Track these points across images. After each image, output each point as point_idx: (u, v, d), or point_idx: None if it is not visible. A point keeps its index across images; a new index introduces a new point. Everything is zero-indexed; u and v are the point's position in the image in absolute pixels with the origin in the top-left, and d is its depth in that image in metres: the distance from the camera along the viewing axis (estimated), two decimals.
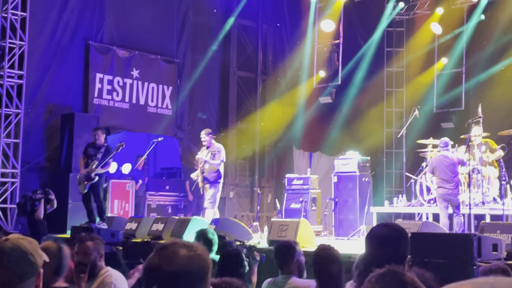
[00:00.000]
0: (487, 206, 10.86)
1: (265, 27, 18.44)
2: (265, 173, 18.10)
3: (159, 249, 2.27)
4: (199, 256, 2.25)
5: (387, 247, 3.46)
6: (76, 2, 14.55)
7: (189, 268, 2.20)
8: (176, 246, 2.25)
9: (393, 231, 3.58)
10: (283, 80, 17.66)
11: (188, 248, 2.25)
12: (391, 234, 3.54)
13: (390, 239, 3.50)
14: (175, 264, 2.19)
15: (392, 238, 3.51)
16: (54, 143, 14.18)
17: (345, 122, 16.33)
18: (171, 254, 2.22)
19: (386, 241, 3.49)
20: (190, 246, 2.27)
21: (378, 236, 3.56)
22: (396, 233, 3.56)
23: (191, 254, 2.23)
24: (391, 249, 3.46)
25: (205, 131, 12.49)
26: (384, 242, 3.49)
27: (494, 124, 12.43)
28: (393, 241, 3.49)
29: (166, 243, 2.29)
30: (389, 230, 3.60)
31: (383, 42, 16.83)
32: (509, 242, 7.09)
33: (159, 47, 16.13)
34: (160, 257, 2.22)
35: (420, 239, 6.98)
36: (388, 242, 3.48)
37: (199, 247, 2.30)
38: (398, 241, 3.51)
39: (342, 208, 13.08)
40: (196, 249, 2.27)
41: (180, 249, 2.24)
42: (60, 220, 12.74)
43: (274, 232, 9.64)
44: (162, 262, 2.20)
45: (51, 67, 14.15)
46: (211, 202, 12.02)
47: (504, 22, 14.64)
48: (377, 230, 3.68)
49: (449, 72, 15.71)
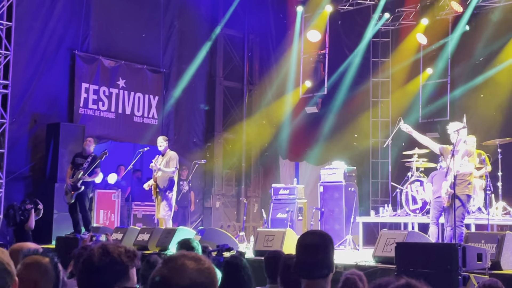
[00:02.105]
0: (472, 216, 10.90)
1: (251, 37, 18.47)
2: (251, 183, 18.08)
3: (167, 260, 2.22)
4: (208, 270, 2.21)
5: (316, 254, 3.60)
6: (62, 11, 14.50)
7: (199, 281, 2.16)
8: (184, 258, 2.21)
9: (320, 238, 3.72)
10: (269, 90, 17.68)
11: (197, 261, 2.21)
12: (319, 241, 3.67)
13: (319, 246, 3.63)
14: (184, 278, 2.14)
15: (320, 245, 3.64)
16: (39, 153, 14.09)
17: (331, 132, 16.37)
18: (180, 267, 2.17)
19: (315, 248, 3.63)
20: (198, 259, 2.23)
21: (307, 244, 3.70)
22: (323, 240, 3.70)
23: (200, 267, 2.19)
24: (320, 255, 3.60)
25: (163, 137, 12.48)
26: (313, 249, 3.62)
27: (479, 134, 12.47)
28: (321, 248, 3.63)
29: (174, 255, 2.24)
30: (317, 237, 3.74)
31: (369, 52, 16.93)
32: (494, 252, 7.13)
33: (145, 57, 16.10)
34: (169, 270, 2.17)
35: (405, 249, 7.01)
36: (317, 249, 3.62)
37: (207, 260, 2.25)
38: (327, 249, 3.66)
39: (328, 218, 13.10)
40: (204, 262, 2.22)
41: (188, 261, 2.19)
42: (45, 230, 12.64)
43: (260, 242, 9.64)
44: (172, 275, 2.15)
45: (36, 76, 14.07)
46: (167, 211, 11.91)
47: (488, 33, 14.76)
48: (305, 237, 3.82)
49: (434, 82, 15.83)
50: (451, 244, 6.78)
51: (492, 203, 11.54)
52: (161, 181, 11.97)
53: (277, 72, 17.25)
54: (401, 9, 16.23)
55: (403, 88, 16.52)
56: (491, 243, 7.25)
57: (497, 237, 7.30)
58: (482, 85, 14.70)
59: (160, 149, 12.22)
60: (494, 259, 7.04)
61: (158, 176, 11.99)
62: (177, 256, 2.22)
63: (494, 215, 11.36)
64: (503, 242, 7.18)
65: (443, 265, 6.41)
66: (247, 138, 18.01)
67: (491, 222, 10.66)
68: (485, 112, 14.32)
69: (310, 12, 16.22)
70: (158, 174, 11.99)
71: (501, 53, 14.46)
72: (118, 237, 11.16)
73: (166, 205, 11.92)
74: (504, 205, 11.70)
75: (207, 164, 16.19)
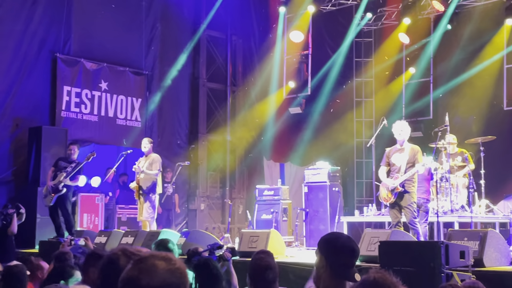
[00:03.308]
0: (456, 214, 10.95)
1: (234, 38, 18.44)
2: (236, 184, 18.04)
3: (137, 261, 2.18)
4: (178, 270, 2.17)
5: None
6: (43, 14, 14.40)
7: (170, 281, 2.12)
8: (155, 259, 2.17)
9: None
10: (253, 91, 17.67)
11: (167, 261, 2.17)
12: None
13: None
14: (155, 278, 2.11)
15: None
16: (21, 156, 13.98)
17: (315, 132, 16.38)
18: (150, 267, 2.13)
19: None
20: (169, 259, 2.18)
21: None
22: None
23: (171, 268, 2.15)
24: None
25: (148, 139, 12.45)
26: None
27: (461, 132, 12.57)
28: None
29: (144, 255, 2.20)
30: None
31: (352, 53, 16.97)
32: (477, 249, 7.15)
33: (128, 59, 16.02)
34: (140, 270, 2.13)
35: (389, 248, 7.02)
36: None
37: (178, 260, 2.21)
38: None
39: (313, 218, 13.10)
40: (175, 262, 2.18)
41: (159, 262, 2.15)
42: (29, 234, 12.53)
43: (245, 244, 9.61)
44: (142, 276, 2.11)
45: (17, 80, 13.96)
46: (150, 214, 11.88)
47: (470, 32, 14.85)
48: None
49: (417, 82, 15.90)
50: (434, 242, 6.80)
51: (475, 201, 11.60)
52: (144, 183, 11.92)
53: (261, 73, 17.24)
54: (383, 9, 16.28)
55: (386, 87, 16.57)
56: (474, 240, 7.27)
57: (479, 235, 7.32)
58: (465, 84, 14.77)
59: (144, 151, 12.19)
60: (477, 257, 7.07)
61: (141, 178, 11.94)
62: (148, 256, 2.18)
63: (477, 213, 11.42)
64: (485, 239, 7.20)
65: (426, 263, 6.42)
66: (231, 140, 17.99)
67: (474, 220, 10.71)
68: (468, 111, 14.41)
69: (292, 12, 16.23)
70: (141, 176, 11.94)
71: (482, 52, 14.53)
72: (102, 240, 11.07)
73: (150, 207, 11.87)
74: (487, 203, 11.76)
75: (191, 166, 16.14)
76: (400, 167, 9.33)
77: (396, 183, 9.20)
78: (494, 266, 7.23)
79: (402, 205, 9.22)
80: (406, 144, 9.49)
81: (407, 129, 9.53)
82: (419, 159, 9.31)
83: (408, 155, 9.35)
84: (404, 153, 9.39)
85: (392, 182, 9.23)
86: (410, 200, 9.20)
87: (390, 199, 9.30)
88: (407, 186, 9.21)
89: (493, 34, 14.36)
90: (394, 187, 9.19)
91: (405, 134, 9.50)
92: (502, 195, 12.23)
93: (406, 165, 9.30)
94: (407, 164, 9.31)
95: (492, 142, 12.14)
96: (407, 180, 9.22)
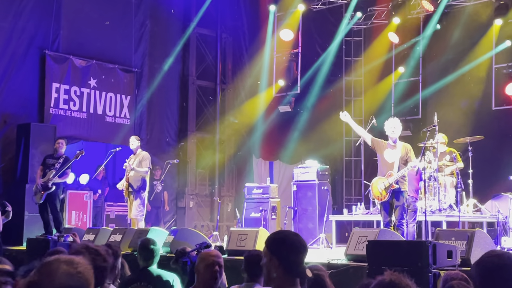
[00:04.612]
0: (444, 213, 10.99)
1: (224, 36, 18.42)
2: (225, 182, 18.03)
3: (42, 265, 2.24)
4: (79, 274, 2.22)
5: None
6: (32, 11, 14.32)
7: (68, 284, 2.19)
8: (57, 262, 2.23)
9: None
10: (242, 89, 17.66)
11: (69, 264, 2.23)
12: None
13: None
14: (54, 282, 2.17)
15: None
16: (9, 153, 13.91)
17: (305, 130, 16.39)
18: (52, 271, 2.19)
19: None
20: (71, 262, 2.24)
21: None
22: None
23: (71, 271, 2.21)
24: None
25: (136, 137, 12.47)
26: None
27: (450, 132, 12.60)
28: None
29: (50, 259, 2.26)
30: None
31: (342, 51, 17.01)
32: (464, 248, 7.18)
33: (117, 56, 15.97)
34: (41, 274, 2.20)
35: (376, 247, 7.04)
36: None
37: (82, 263, 2.27)
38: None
39: (301, 216, 13.12)
40: (77, 265, 2.24)
41: (61, 265, 2.21)
42: (16, 232, 12.48)
43: (233, 242, 9.61)
44: (42, 279, 2.19)
45: (6, 76, 13.89)
46: (139, 211, 11.88)
47: (459, 32, 14.90)
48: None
49: (406, 81, 15.95)
50: (422, 242, 6.81)
51: (463, 201, 11.66)
52: (133, 181, 11.92)
53: (250, 71, 17.23)
54: (373, 8, 16.31)
55: (376, 86, 16.61)
56: (461, 240, 7.30)
57: (467, 234, 7.35)
58: (453, 84, 14.83)
59: (132, 148, 12.20)
60: (464, 256, 7.09)
61: (130, 176, 11.93)
62: (53, 259, 2.26)
63: (465, 212, 11.47)
64: (473, 239, 7.23)
65: (414, 262, 6.44)
66: (221, 138, 17.98)
67: (462, 219, 10.74)
68: (456, 110, 14.46)
69: (282, 11, 16.23)
70: (130, 174, 11.93)
71: (471, 52, 14.59)
72: (90, 238, 11.05)
73: (139, 205, 11.88)
74: (474, 202, 11.81)
75: (180, 164, 16.13)
76: (393, 164, 9.35)
77: (391, 180, 9.22)
78: None
79: (394, 204, 9.25)
80: (398, 142, 9.52)
81: (399, 127, 9.58)
82: (411, 157, 9.36)
83: (400, 152, 9.38)
84: (396, 150, 9.43)
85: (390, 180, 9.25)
86: (402, 200, 9.24)
87: (384, 197, 9.29)
88: (401, 185, 9.25)
89: (482, 34, 14.42)
90: (390, 185, 9.20)
91: (398, 132, 9.54)
92: (490, 195, 12.27)
93: (399, 162, 9.34)
94: (400, 161, 9.34)
95: (481, 141, 12.20)
96: (401, 178, 9.26)
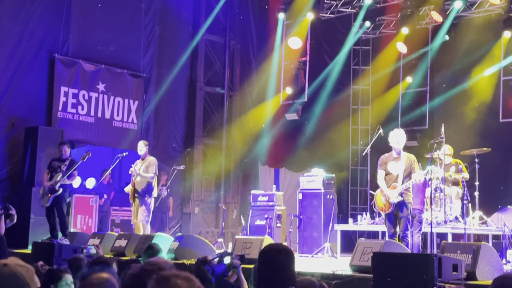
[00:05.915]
0: (449, 225, 10.96)
1: (232, 43, 18.46)
2: (230, 189, 18.03)
3: (159, 280, 2.23)
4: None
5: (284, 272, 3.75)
6: (42, 14, 14.39)
7: None
8: (177, 278, 2.22)
9: (286, 255, 3.85)
10: (250, 96, 17.68)
11: (188, 281, 2.22)
12: (284, 259, 3.83)
13: (286, 264, 3.81)
14: None
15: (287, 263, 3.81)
16: (16, 156, 13.95)
17: (311, 139, 16.39)
18: (173, 287, 2.18)
19: (282, 265, 3.77)
20: (190, 279, 2.23)
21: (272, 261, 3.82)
22: (289, 258, 3.85)
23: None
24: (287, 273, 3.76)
25: (144, 142, 12.48)
26: (280, 267, 3.76)
27: (456, 143, 12.58)
28: (288, 265, 3.81)
29: (166, 275, 2.24)
30: (283, 255, 3.86)
31: (350, 60, 17.02)
32: (469, 262, 7.17)
33: (126, 61, 16.01)
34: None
35: (382, 259, 7.03)
36: (284, 267, 3.79)
37: (197, 281, 2.25)
38: (292, 265, 3.83)
39: (306, 225, 13.09)
40: (195, 282, 2.23)
41: (180, 281, 2.20)
42: (21, 235, 12.50)
43: (238, 250, 9.62)
44: None
45: (14, 79, 13.95)
46: (145, 217, 11.89)
47: (467, 43, 14.89)
48: (271, 254, 3.90)
49: (414, 91, 15.93)
50: (427, 255, 6.81)
51: (468, 213, 11.62)
52: (139, 186, 11.94)
53: (258, 78, 17.26)
54: (382, 18, 16.32)
55: (383, 96, 16.59)
56: (466, 253, 7.29)
57: (472, 248, 7.34)
58: (461, 95, 14.82)
59: (140, 153, 12.21)
60: (469, 270, 7.08)
61: (136, 181, 11.95)
62: (170, 275, 2.23)
63: (471, 224, 11.44)
64: (478, 252, 7.22)
65: (419, 275, 6.43)
66: (227, 144, 17.99)
67: (468, 231, 10.72)
68: (463, 122, 14.44)
69: (291, 19, 16.25)
70: (137, 179, 11.95)
71: (479, 63, 14.58)
72: (95, 242, 11.05)
73: (145, 210, 11.88)
74: (480, 215, 11.78)
75: (186, 170, 16.14)
76: (397, 176, 9.35)
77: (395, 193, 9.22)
78: (487, 279, 7.23)
79: (399, 215, 9.24)
80: (402, 153, 9.52)
81: (404, 139, 9.59)
82: (415, 168, 9.35)
83: (404, 164, 9.38)
84: (400, 161, 9.42)
85: (395, 196, 9.23)
86: (406, 212, 9.23)
87: (388, 208, 9.30)
88: (405, 196, 9.24)
89: (491, 46, 14.41)
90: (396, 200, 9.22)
91: (402, 144, 9.56)
92: (496, 207, 12.25)
93: (403, 174, 9.33)
94: (404, 173, 9.34)
95: (487, 154, 12.18)
96: (405, 190, 9.26)
